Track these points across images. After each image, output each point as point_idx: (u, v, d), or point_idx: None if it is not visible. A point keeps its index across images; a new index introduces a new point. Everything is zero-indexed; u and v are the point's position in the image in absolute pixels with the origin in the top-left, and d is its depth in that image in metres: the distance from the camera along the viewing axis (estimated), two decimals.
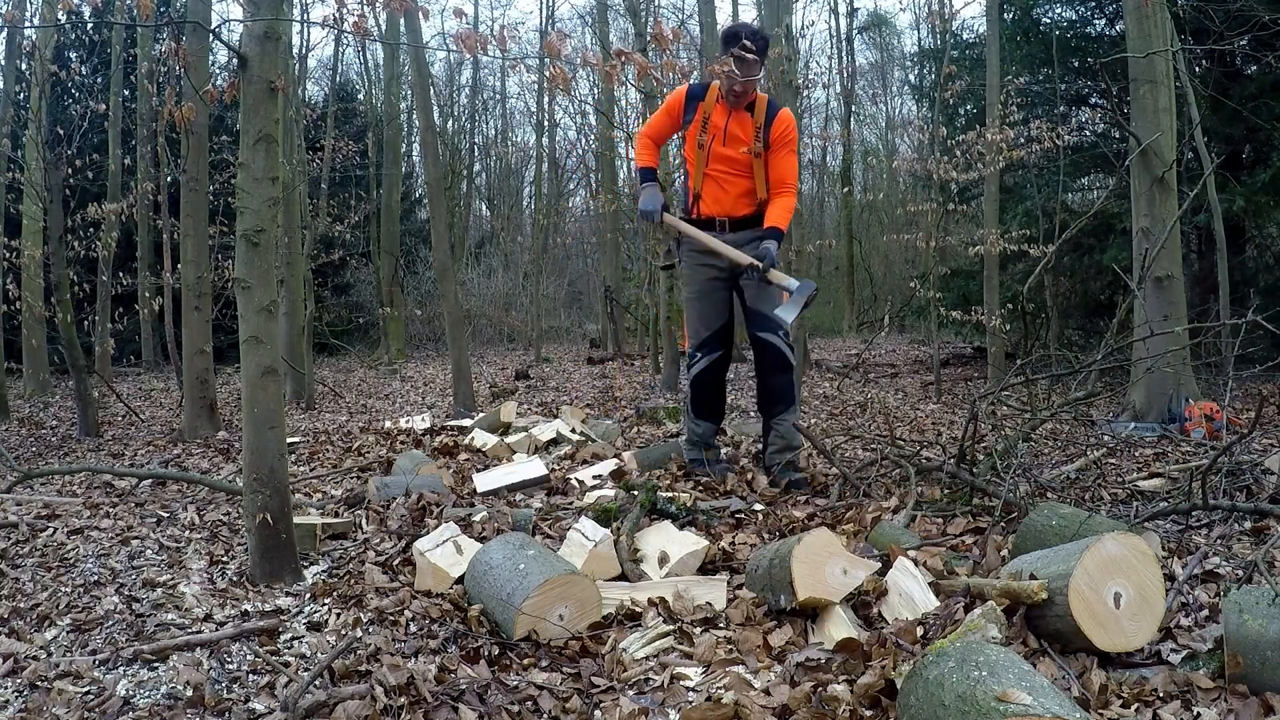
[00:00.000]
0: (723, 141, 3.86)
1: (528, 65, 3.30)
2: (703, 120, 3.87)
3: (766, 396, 3.97)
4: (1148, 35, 5.65)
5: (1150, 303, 5.48)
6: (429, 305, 18.08)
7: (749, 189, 3.92)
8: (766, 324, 3.86)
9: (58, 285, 6.69)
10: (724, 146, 3.87)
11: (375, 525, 3.27)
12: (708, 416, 4.09)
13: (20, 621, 2.25)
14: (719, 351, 4.03)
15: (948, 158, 8.24)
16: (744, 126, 3.85)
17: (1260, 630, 1.74)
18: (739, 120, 3.85)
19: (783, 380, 3.92)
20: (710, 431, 4.12)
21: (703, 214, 3.95)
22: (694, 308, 4.04)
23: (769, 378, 3.94)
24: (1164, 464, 3.98)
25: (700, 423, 4.09)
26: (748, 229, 3.92)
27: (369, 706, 1.80)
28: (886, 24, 22.87)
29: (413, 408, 8.58)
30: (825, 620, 2.20)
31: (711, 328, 4.01)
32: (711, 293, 3.99)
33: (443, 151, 17.02)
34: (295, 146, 9.85)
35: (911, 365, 11.95)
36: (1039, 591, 1.90)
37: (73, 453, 5.97)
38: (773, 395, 3.94)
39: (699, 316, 4.02)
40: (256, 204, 2.52)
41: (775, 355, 3.89)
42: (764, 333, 3.88)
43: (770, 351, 3.89)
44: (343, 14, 2.60)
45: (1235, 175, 8.46)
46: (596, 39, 15.19)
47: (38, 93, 7.69)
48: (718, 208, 3.94)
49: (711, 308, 4.00)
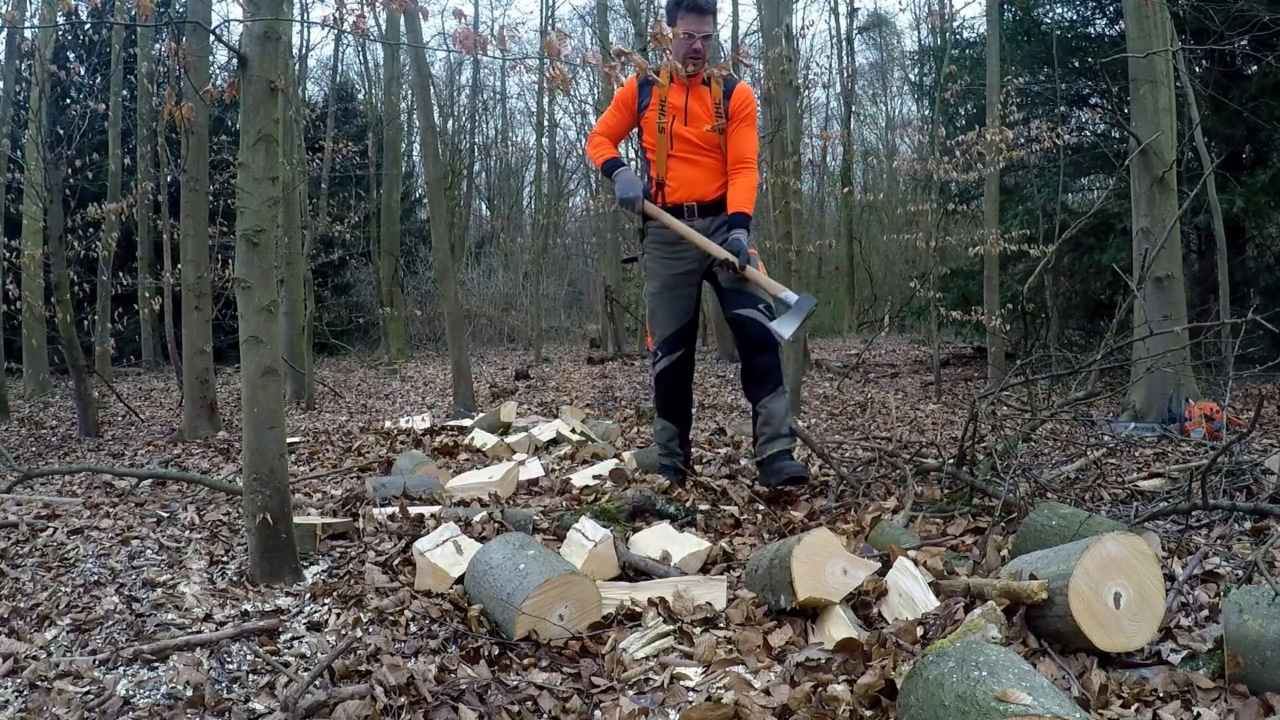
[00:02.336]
0: (684, 121, 3.68)
1: (528, 66, 3.27)
2: (660, 103, 3.69)
3: (751, 376, 3.73)
4: (1148, 35, 5.65)
5: (1150, 303, 5.47)
6: (429, 305, 18.09)
7: (717, 168, 3.74)
8: (742, 300, 3.64)
9: (58, 285, 6.69)
10: (686, 126, 3.69)
11: (374, 525, 3.27)
12: (671, 416, 3.92)
13: (20, 621, 2.25)
14: (681, 350, 3.85)
15: (948, 158, 8.24)
16: (703, 103, 3.69)
17: (1260, 630, 1.74)
18: (697, 96, 3.69)
19: (767, 359, 3.67)
20: (672, 434, 3.93)
21: (669, 201, 3.74)
22: (659, 302, 3.84)
23: (751, 356, 3.70)
24: (1164, 464, 3.98)
25: (665, 424, 3.92)
26: (717, 214, 3.75)
27: (369, 706, 1.80)
28: (886, 24, 22.87)
29: (413, 408, 8.58)
30: (825, 620, 2.21)
31: (676, 324, 3.82)
32: (678, 287, 3.81)
33: (443, 151, 17.02)
34: (295, 146, 9.85)
35: (911, 365, 11.95)
36: (1039, 591, 1.90)
37: (73, 453, 5.97)
38: (757, 374, 3.69)
39: (664, 313, 3.82)
40: (256, 204, 2.52)
41: (755, 330, 3.62)
42: (741, 309, 3.64)
43: (750, 328, 3.64)
44: (343, 14, 2.60)
45: (1235, 175, 8.46)
46: (596, 39, 15.19)
47: (38, 93, 7.69)
48: (685, 191, 3.73)
49: (677, 304, 3.81)
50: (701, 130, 3.69)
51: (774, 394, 3.66)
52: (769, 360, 3.68)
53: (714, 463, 4.35)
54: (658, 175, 3.76)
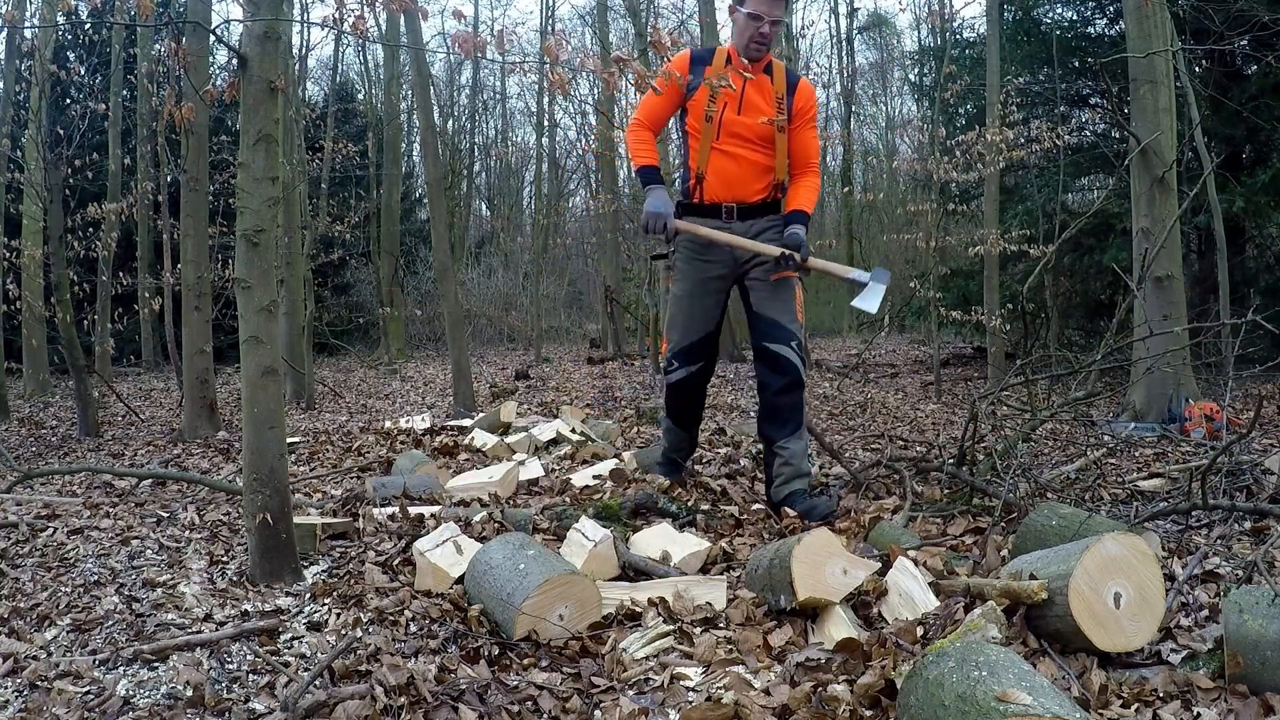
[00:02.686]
0: (738, 109, 3.29)
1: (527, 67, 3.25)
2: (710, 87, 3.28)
3: (772, 417, 3.37)
4: (1148, 35, 5.65)
5: (1150, 303, 5.48)
6: (429, 305, 18.10)
7: (767, 167, 3.37)
8: (777, 333, 3.32)
9: (58, 285, 6.69)
10: (739, 115, 3.30)
11: (374, 525, 3.27)
12: (682, 422, 3.64)
13: (20, 621, 2.25)
14: (700, 363, 3.50)
15: (948, 158, 8.24)
16: (764, 93, 3.31)
17: (1260, 630, 1.74)
18: (757, 85, 3.30)
19: (794, 399, 3.35)
20: (684, 441, 3.68)
21: (706, 199, 3.38)
22: (682, 307, 3.49)
23: (777, 395, 3.34)
24: (1164, 464, 3.98)
25: (673, 428, 3.65)
26: (760, 217, 3.39)
27: (369, 706, 1.80)
28: (886, 24, 22.87)
29: (413, 408, 8.58)
30: (825, 620, 2.21)
31: (697, 334, 3.48)
32: (705, 295, 3.45)
33: (443, 151, 17.01)
34: (295, 146, 9.86)
35: (911, 365, 11.95)
36: (1039, 592, 1.90)
37: (73, 453, 5.97)
38: (780, 415, 3.35)
39: (685, 319, 3.48)
40: (256, 204, 2.52)
41: (786, 369, 3.32)
42: (774, 344, 3.33)
43: (781, 365, 3.32)
44: (343, 14, 2.60)
45: (1235, 175, 8.46)
46: (597, 39, 15.20)
47: (38, 93, 7.69)
48: (726, 191, 3.36)
49: (701, 311, 3.47)
50: (756, 122, 3.32)
51: (794, 435, 3.35)
52: (795, 401, 3.36)
53: (714, 463, 4.35)
54: (697, 167, 3.38)
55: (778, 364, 3.33)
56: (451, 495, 3.75)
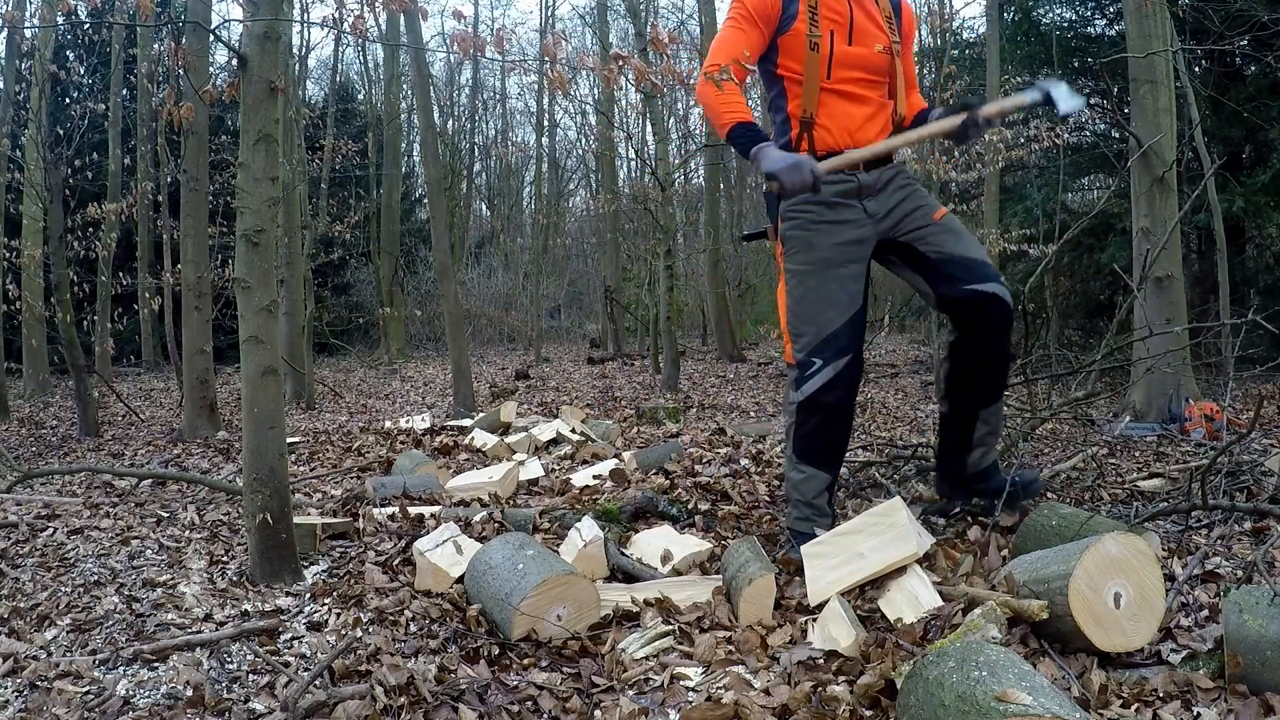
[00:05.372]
0: (848, 39, 2.66)
1: (526, 67, 3.24)
2: (809, 13, 2.64)
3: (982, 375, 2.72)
4: (1148, 35, 5.65)
5: (1150, 303, 5.47)
6: (429, 305, 18.11)
7: (885, 106, 2.76)
8: (980, 271, 2.64)
9: (58, 285, 6.69)
10: (852, 45, 2.67)
11: (374, 525, 3.27)
12: (825, 464, 2.73)
13: (20, 621, 2.25)
14: (849, 355, 2.65)
15: (947, 158, 8.24)
16: (872, 16, 2.72)
17: (1260, 630, 1.74)
18: (863, 8, 2.71)
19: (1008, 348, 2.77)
20: (823, 485, 2.73)
21: (817, 150, 2.67)
22: (811, 287, 2.68)
23: (989, 349, 2.67)
24: (1164, 464, 3.97)
25: (813, 471, 2.72)
26: (886, 163, 2.74)
27: (369, 706, 1.80)
28: None
29: (413, 408, 8.58)
30: (825, 620, 2.20)
31: (841, 317, 2.65)
32: (843, 263, 2.67)
33: (443, 151, 17.03)
34: (295, 146, 9.86)
35: (911, 365, 11.95)
36: (1039, 612, 1.90)
37: (73, 453, 5.97)
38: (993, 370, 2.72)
39: (819, 300, 2.66)
40: (256, 204, 2.52)
41: (1000, 312, 2.63)
42: (983, 284, 2.62)
43: (994, 309, 2.62)
44: (342, 14, 2.60)
45: (1235, 176, 8.47)
46: (596, 39, 15.19)
47: (38, 93, 7.70)
48: (845, 136, 2.67)
49: (839, 286, 2.66)
50: (873, 50, 2.70)
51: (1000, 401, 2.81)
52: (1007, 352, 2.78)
53: (714, 463, 4.35)
54: (803, 111, 2.68)
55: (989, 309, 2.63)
56: (451, 495, 3.75)
